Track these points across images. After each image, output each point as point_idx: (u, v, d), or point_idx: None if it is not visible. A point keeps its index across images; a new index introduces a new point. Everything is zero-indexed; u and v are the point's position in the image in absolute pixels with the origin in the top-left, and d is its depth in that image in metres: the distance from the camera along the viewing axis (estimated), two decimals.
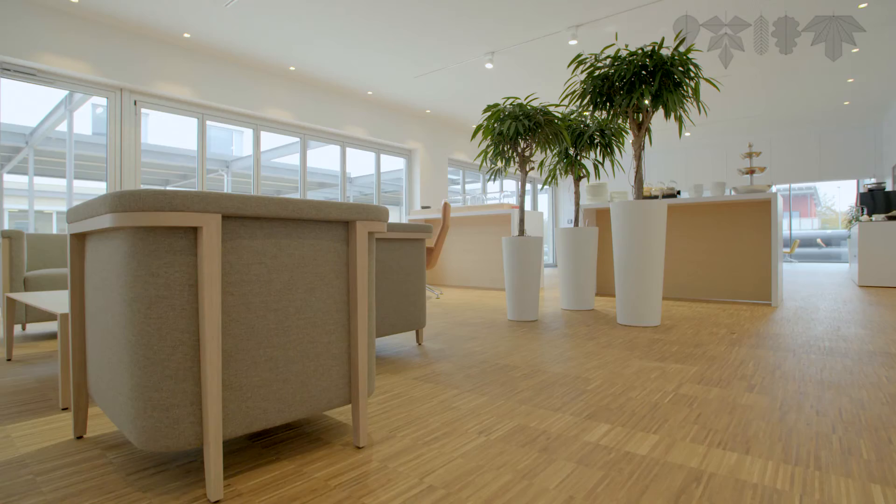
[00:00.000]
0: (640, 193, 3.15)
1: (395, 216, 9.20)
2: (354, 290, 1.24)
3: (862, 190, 7.81)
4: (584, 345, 2.54)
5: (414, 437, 1.33)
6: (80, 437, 1.35)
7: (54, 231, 9.32)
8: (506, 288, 3.43)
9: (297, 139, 7.04)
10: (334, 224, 1.23)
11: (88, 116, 6.97)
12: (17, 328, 3.25)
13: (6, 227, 5.42)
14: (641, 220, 3.04)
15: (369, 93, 7.25)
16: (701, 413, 1.50)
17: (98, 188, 5.33)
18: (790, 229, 13.60)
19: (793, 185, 10.46)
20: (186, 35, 5.22)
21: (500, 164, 3.43)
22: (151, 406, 0.97)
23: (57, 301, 1.84)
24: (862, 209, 6.82)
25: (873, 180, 9.16)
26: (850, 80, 6.77)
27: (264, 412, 1.10)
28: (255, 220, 1.08)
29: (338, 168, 7.57)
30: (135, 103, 5.25)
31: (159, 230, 0.96)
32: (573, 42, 5.30)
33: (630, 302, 3.11)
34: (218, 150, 10.86)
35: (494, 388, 1.78)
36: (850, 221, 8.65)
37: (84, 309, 1.30)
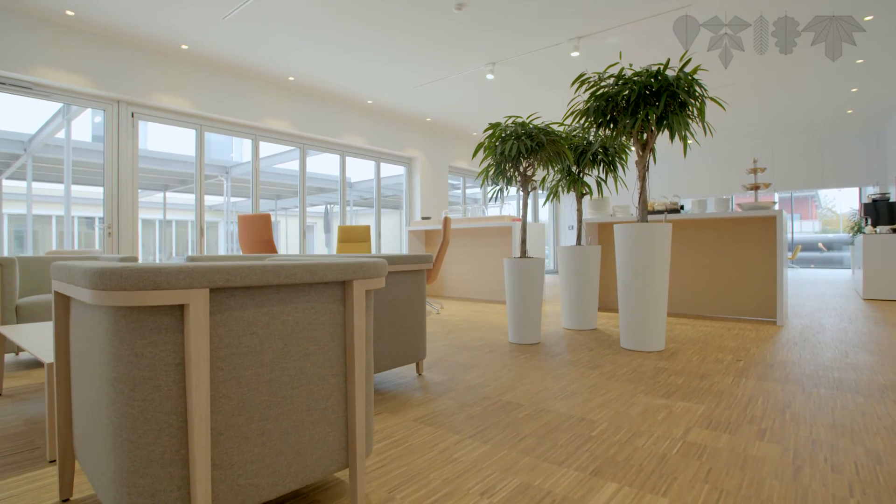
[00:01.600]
0: (644, 215, 3.09)
1: (395, 221, 9.14)
2: (352, 353, 1.19)
3: (865, 200, 7.75)
4: (587, 375, 2.48)
5: (413, 500, 1.28)
6: (65, 501, 1.29)
7: (53, 234, 9.25)
8: (507, 309, 3.38)
9: (297, 149, 6.98)
10: (330, 285, 1.17)
11: (88, 124, 6.92)
12: (11, 352, 3.19)
13: (5, 227, 5.37)
14: (645, 244, 2.99)
15: (369, 102, 7.19)
16: (711, 468, 1.45)
17: (96, 193, 5.28)
18: (791, 233, 13.52)
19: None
20: (184, 46, 5.17)
21: (501, 183, 3.37)
22: (136, 492, 0.91)
23: (47, 341, 1.78)
24: (865, 219, 6.76)
25: (876, 188, 9.10)
26: (853, 90, 6.71)
27: (257, 488, 1.05)
28: (246, 289, 1.02)
29: (338, 172, 7.51)
30: (132, 115, 5.19)
31: (143, 307, 0.91)
32: (575, 54, 5.24)
33: (634, 326, 3.05)
34: (218, 155, 10.80)
35: (497, 433, 1.73)
36: (852, 228, 8.60)
37: (69, 364, 1.25)
